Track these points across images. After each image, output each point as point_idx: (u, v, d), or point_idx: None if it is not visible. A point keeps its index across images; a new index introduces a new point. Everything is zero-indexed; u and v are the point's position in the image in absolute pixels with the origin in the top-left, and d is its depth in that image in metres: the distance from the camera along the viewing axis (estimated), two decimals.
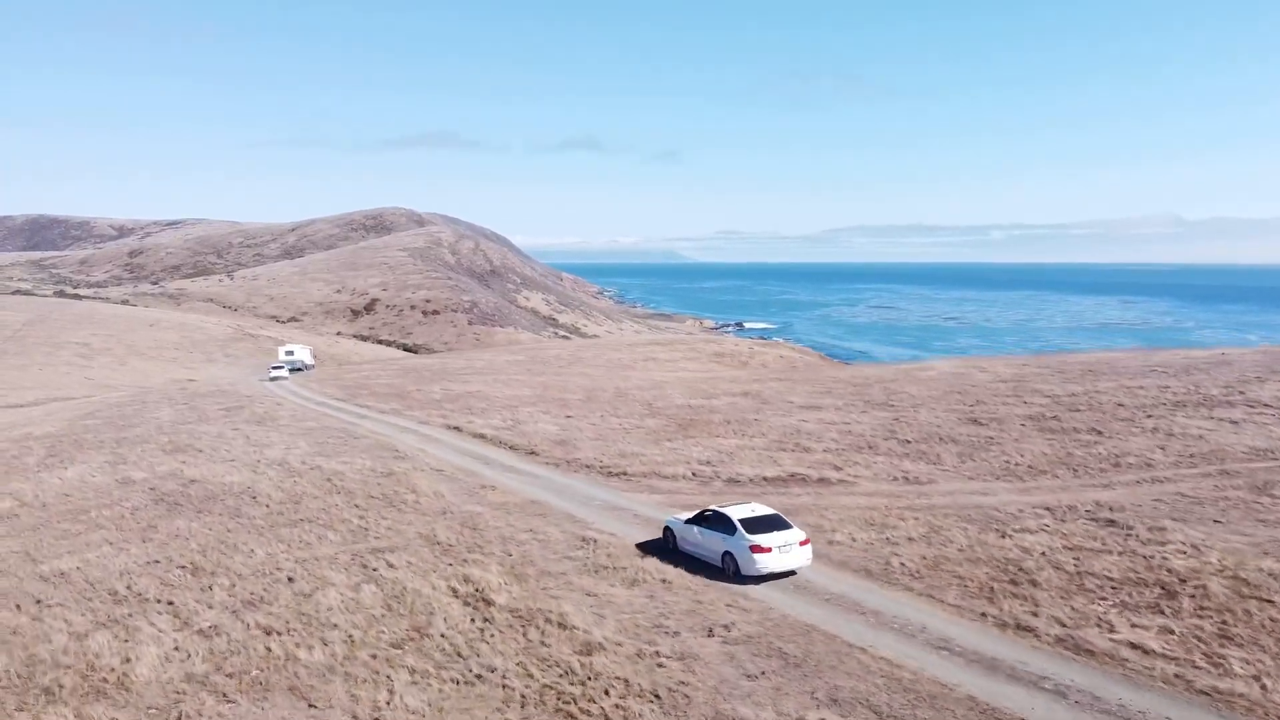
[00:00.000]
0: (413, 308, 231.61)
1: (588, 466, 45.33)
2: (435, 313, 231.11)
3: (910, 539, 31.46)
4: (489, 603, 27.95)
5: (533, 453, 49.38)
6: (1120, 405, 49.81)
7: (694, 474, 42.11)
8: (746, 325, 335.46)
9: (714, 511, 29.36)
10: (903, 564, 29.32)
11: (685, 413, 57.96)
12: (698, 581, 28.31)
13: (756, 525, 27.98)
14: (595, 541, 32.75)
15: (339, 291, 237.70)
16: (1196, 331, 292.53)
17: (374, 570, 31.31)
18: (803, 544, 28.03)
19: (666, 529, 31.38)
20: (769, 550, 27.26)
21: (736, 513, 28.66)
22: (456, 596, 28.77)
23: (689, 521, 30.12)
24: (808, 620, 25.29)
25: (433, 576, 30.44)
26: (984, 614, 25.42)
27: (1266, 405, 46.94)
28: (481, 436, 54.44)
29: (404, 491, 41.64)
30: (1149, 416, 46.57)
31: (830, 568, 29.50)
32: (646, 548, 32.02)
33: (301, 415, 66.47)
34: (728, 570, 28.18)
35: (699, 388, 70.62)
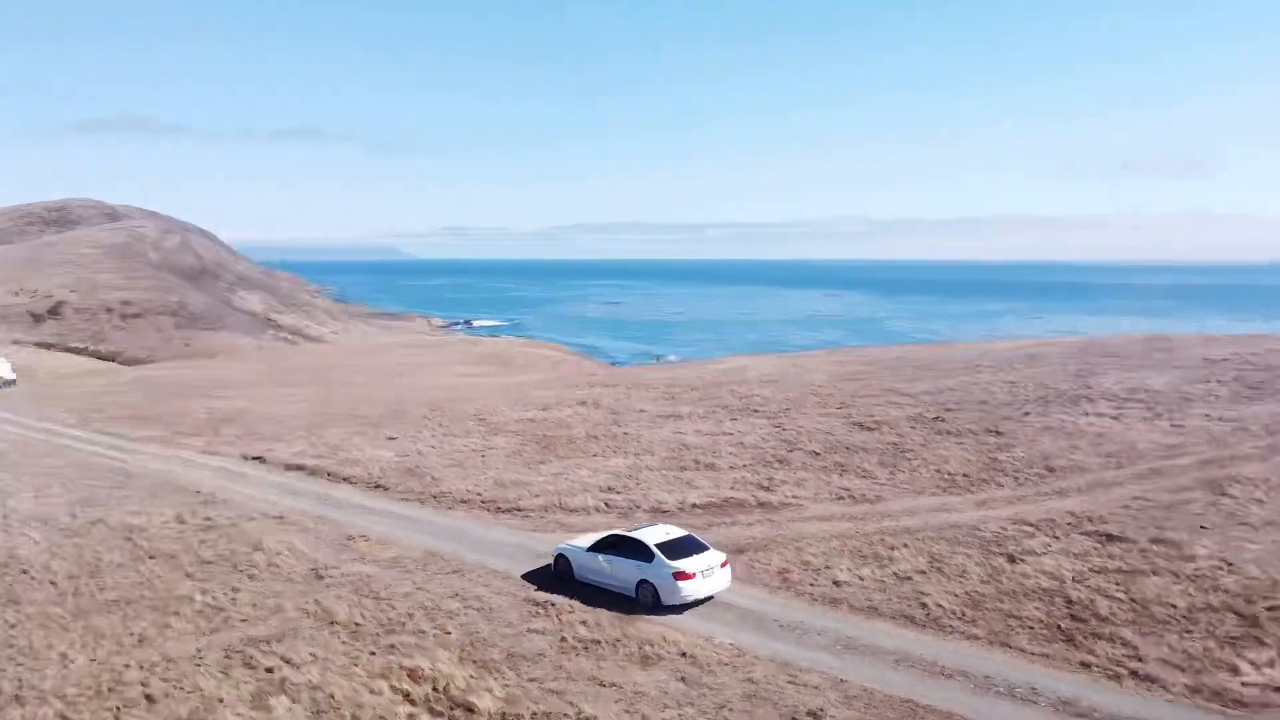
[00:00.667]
0: (109, 310, 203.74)
1: (464, 501, 38.01)
2: (136, 316, 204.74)
3: (921, 572, 27.57)
4: (470, 709, 20.92)
5: (380, 486, 41.21)
6: (984, 403, 49.12)
7: (606, 504, 36.10)
8: (475, 323, 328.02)
9: (621, 536, 26.80)
10: (939, 605, 25.36)
11: (532, 427, 51.46)
12: (731, 653, 22.80)
13: (675, 549, 25.58)
14: (552, 604, 26.19)
15: (17, 294, 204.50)
16: (891, 321, 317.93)
17: (270, 672, 23.09)
18: (723, 565, 26.00)
19: (560, 557, 28.11)
20: (693, 576, 24.94)
21: (650, 536, 26.18)
22: (416, 704, 21.43)
23: (592, 549, 27.19)
24: (900, 693, 20.60)
25: (361, 675, 22.76)
26: (1084, 663, 21.93)
27: (1121, 396, 47.75)
28: (300, 468, 45.15)
29: (245, 549, 32.56)
30: (1027, 414, 45.93)
31: (863, 617, 24.97)
32: (533, 578, 28.21)
33: (33, 449, 52.99)
34: (643, 602, 25.56)
35: (518, 395, 64.04)
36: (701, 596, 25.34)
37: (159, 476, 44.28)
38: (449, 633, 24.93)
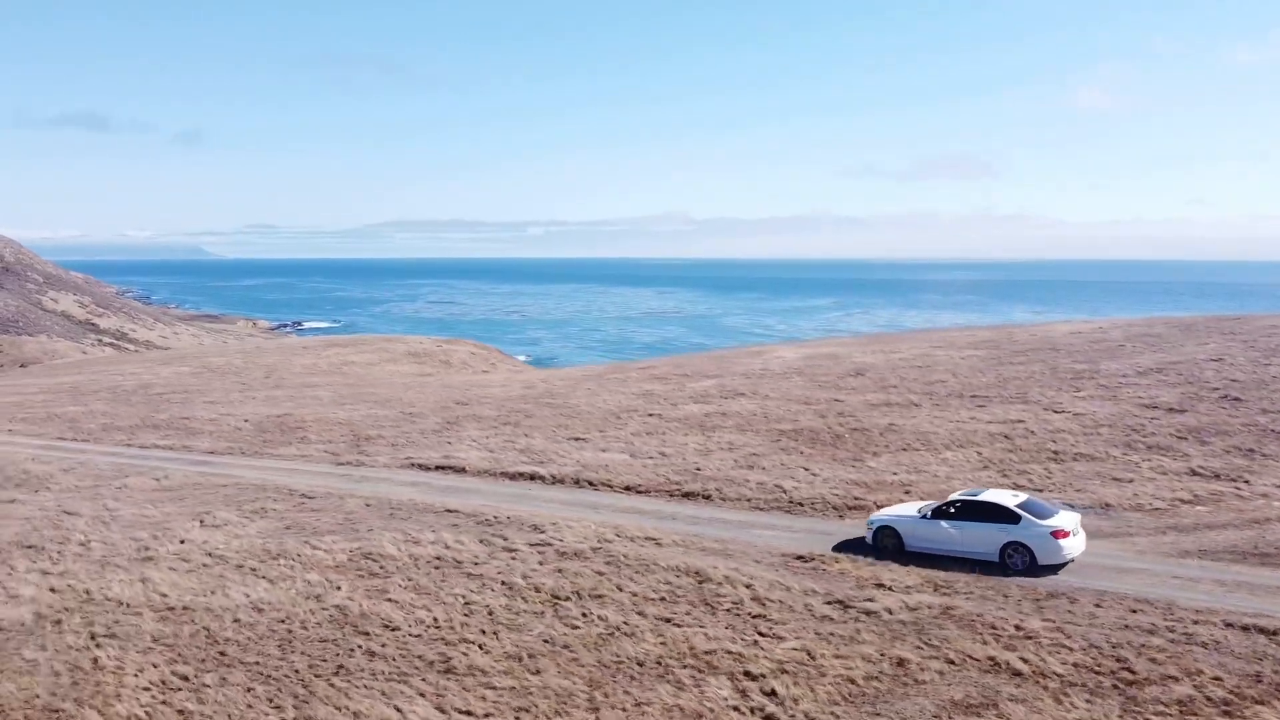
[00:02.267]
0: None
1: (704, 496, 32.18)
2: None
3: None
4: None
5: (605, 484, 34.51)
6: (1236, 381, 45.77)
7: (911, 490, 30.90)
8: (306, 324, 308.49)
9: (968, 501, 25.18)
10: None
11: (754, 421, 44.45)
12: None
13: (1034, 509, 24.53)
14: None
15: None
16: (726, 317, 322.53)
17: None
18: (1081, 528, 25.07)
19: (885, 529, 25.94)
20: (1069, 534, 23.99)
21: (1008, 498, 25.03)
22: None
23: (932, 516, 25.51)
24: None
25: None
26: None
27: (1143, 373, 45.75)
28: (561, 481, 36.67)
29: (684, 580, 25.18)
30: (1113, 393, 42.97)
31: None
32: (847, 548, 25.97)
33: (99, 473, 41.47)
34: (1012, 566, 24.03)
35: (604, 388, 57.02)
36: (1077, 555, 24.17)
37: (384, 497, 34.99)
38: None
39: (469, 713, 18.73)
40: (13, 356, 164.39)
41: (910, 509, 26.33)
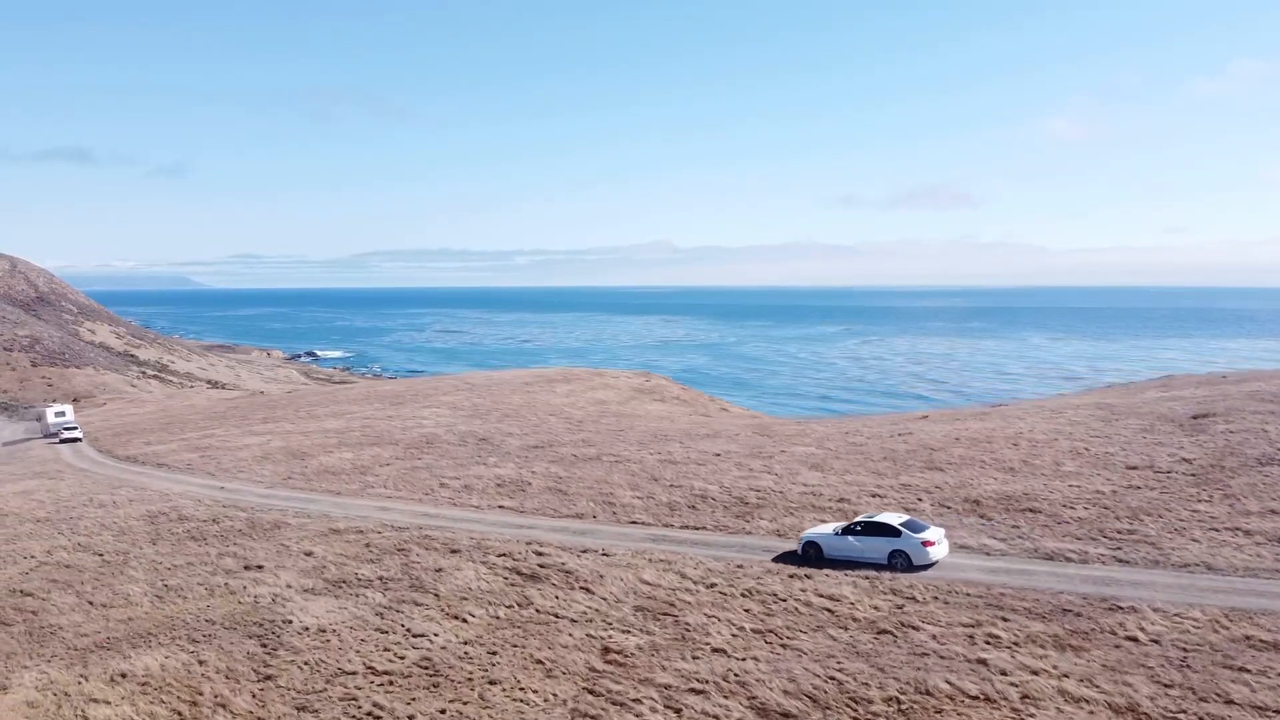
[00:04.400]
0: None
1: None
2: None
3: None
4: None
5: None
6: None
7: None
8: (320, 354, 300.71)
9: (865, 522, 30.40)
10: None
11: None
12: None
13: (911, 527, 29.69)
14: None
15: None
16: (741, 345, 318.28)
17: None
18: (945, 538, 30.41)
19: (810, 544, 31.01)
20: (934, 544, 29.05)
21: (894, 519, 30.25)
22: None
23: (843, 533, 30.57)
24: None
25: None
26: None
27: None
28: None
29: None
30: None
31: None
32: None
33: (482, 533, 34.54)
34: (896, 565, 28.99)
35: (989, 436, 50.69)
36: (940, 558, 29.16)
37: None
38: None
39: None
40: (64, 390, 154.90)
41: (828, 529, 31.41)
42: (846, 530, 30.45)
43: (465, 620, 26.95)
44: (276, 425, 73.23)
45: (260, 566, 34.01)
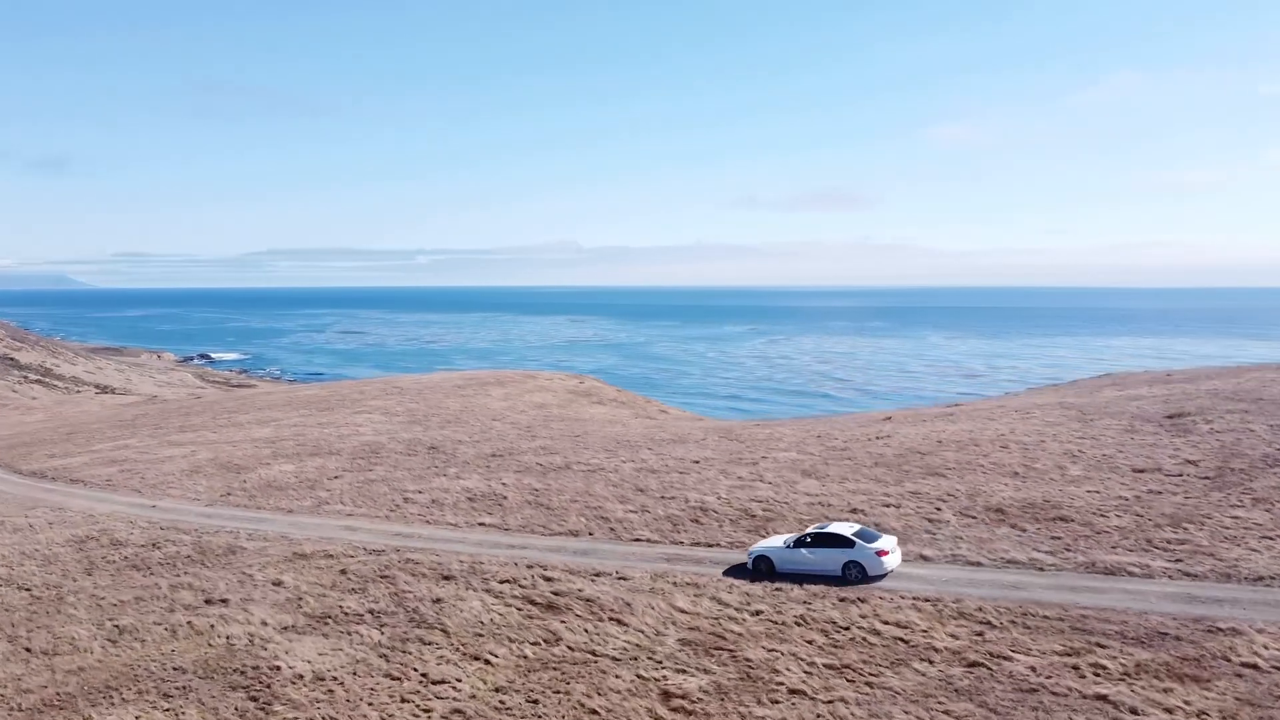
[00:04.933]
0: None
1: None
2: None
3: None
4: None
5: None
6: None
7: None
8: (215, 356, 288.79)
9: (817, 534, 29.78)
10: None
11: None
12: None
13: (864, 537, 29.24)
14: None
15: None
16: (655, 345, 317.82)
17: None
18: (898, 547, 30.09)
19: (761, 557, 30.14)
20: (888, 553, 28.76)
21: (843, 529, 29.64)
22: None
23: (795, 546, 29.85)
24: None
25: None
26: None
27: None
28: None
29: None
30: None
31: None
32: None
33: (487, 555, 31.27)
34: (849, 577, 28.48)
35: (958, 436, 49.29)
36: (894, 568, 28.86)
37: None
38: None
39: None
40: None
41: (778, 541, 30.67)
42: (798, 543, 29.79)
43: (489, 662, 23.77)
44: (197, 434, 67.71)
45: (224, 600, 30.02)
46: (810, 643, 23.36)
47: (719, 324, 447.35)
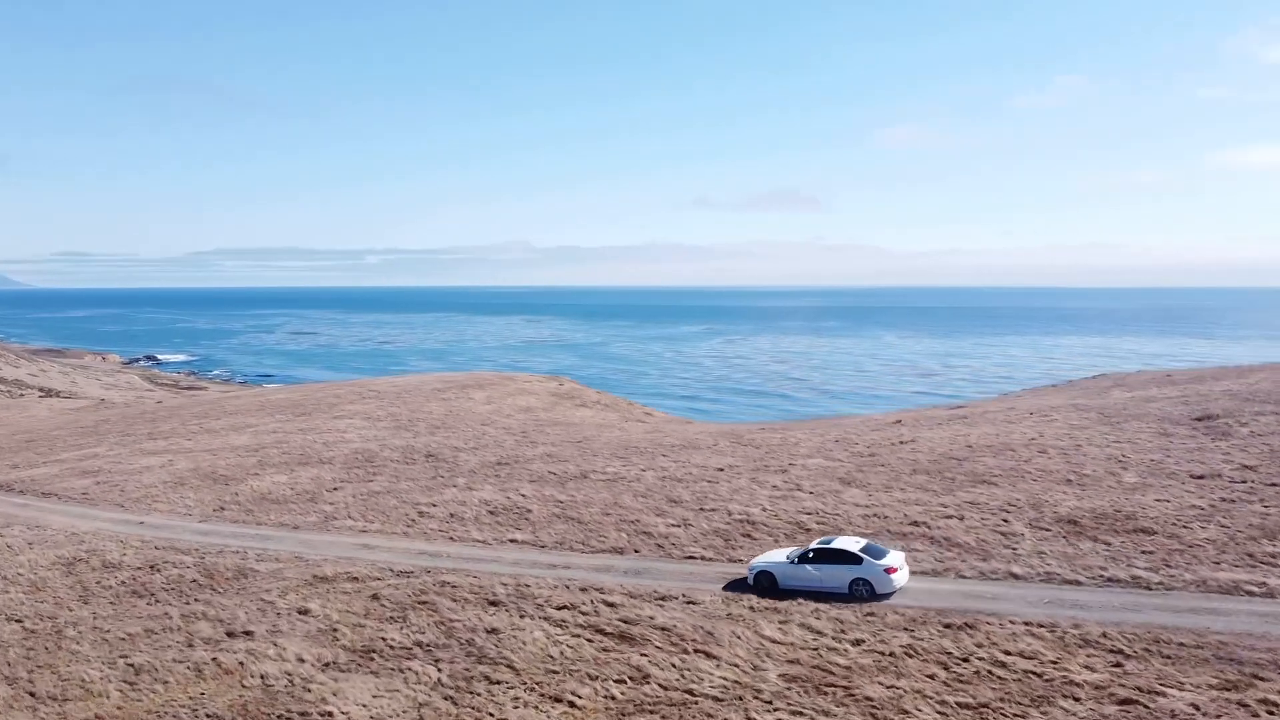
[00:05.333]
0: None
1: None
2: None
3: None
4: None
5: None
6: None
7: None
8: (162, 358, 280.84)
9: (821, 549, 28.75)
10: None
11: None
12: None
13: (872, 553, 28.15)
14: None
15: None
16: (611, 345, 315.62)
17: None
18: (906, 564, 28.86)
19: (763, 573, 28.95)
20: (897, 570, 27.65)
21: (853, 544, 28.63)
22: None
23: (799, 561, 28.77)
24: None
25: None
26: None
27: None
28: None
29: None
30: None
31: None
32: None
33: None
34: (858, 595, 27.52)
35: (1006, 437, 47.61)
36: (903, 584, 27.66)
37: None
38: None
39: None
40: None
41: (780, 556, 29.57)
42: (802, 558, 28.76)
43: (575, 704, 21.29)
44: (169, 442, 63.88)
45: (248, 632, 27.10)
46: (931, 677, 21.22)
47: (674, 324, 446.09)
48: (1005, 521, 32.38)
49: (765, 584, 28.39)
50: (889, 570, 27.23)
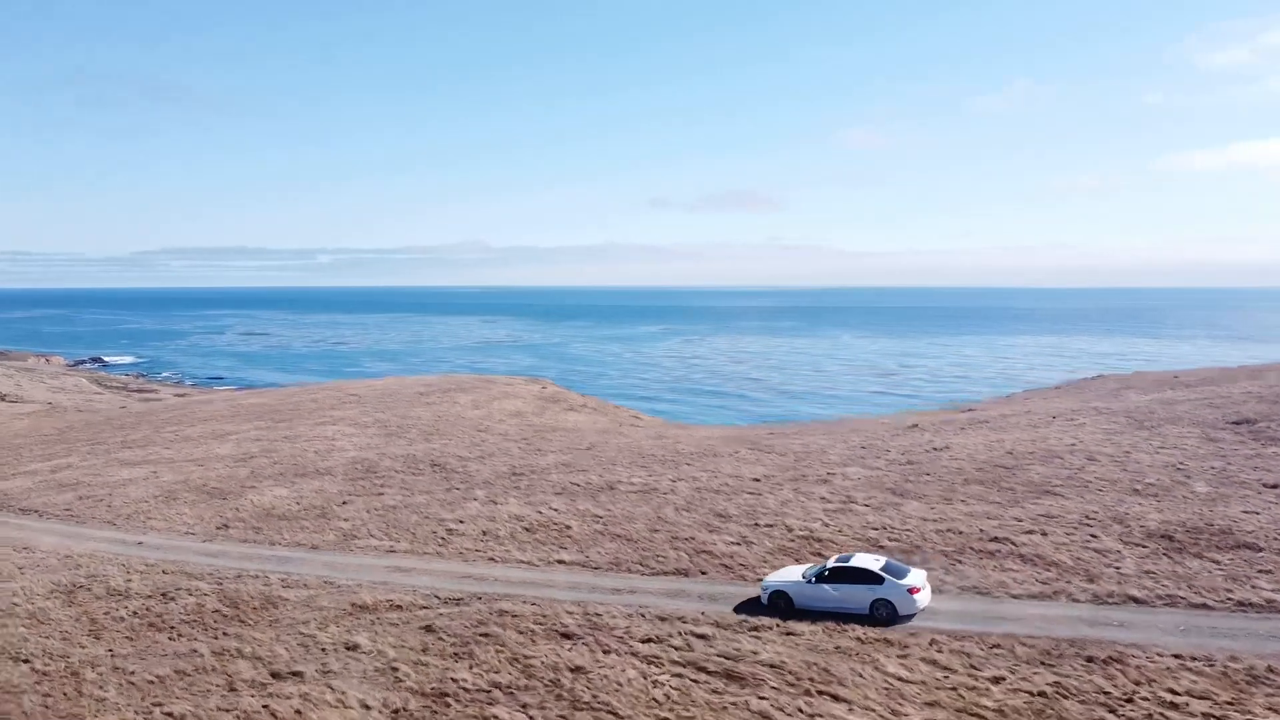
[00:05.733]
0: None
1: None
2: None
3: None
4: None
5: None
6: None
7: None
8: (108, 360, 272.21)
9: (839, 567, 27.44)
10: None
11: None
12: None
13: (893, 572, 26.89)
14: None
15: None
16: (570, 345, 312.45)
17: None
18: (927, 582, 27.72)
19: (778, 594, 27.49)
20: (920, 590, 26.48)
21: (873, 563, 27.28)
22: None
23: (815, 580, 27.41)
24: None
25: None
26: None
27: None
28: None
29: None
30: None
31: None
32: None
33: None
34: (878, 616, 26.18)
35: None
36: (925, 605, 26.48)
37: None
38: None
39: None
40: None
41: (794, 574, 28.15)
42: (820, 577, 27.44)
43: None
44: (147, 451, 60.01)
45: (297, 673, 24.24)
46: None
47: (632, 324, 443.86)
48: (1094, 537, 30.52)
49: (780, 604, 27.20)
50: (912, 590, 26.08)
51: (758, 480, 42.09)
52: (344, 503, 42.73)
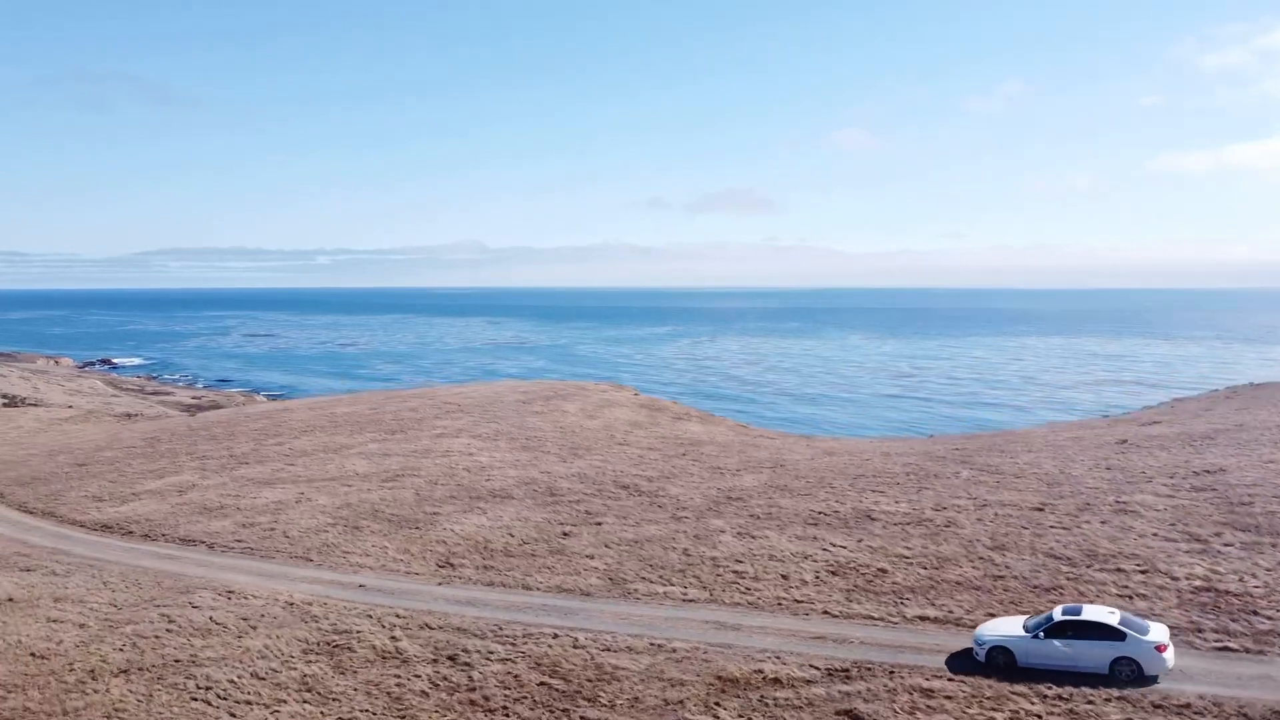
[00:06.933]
0: None
1: None
2: None
3: None
4: None
5: None
6: None
7: None
8: (118, 362, 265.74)
9: (1072, 621, 24.72)
10: None
11: None
12: None
13: (1133, 625, 24.53)
14: None
15: None
16: (578, 347, 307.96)
17: None
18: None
19: (998, 649, 24.81)
20: (1167, 648, 24.11)
21: (1108, 616, 24.73)
22: None
23: (1044, 635, 24.71)
24: None
25: None
26: None
27: None
28: None
29: None
30: None
31: None
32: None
33: None
34: (1119, 677, 23.78)
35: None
36: (1171, 667, 24.14)
37: None
38: None
39: None
40: None
41: (1013, 626, 25.82)
42: (1048, 631, 24.87)
43: None
44: (268, 467, 54.31)
45: None
46: None
47: (637, 325, 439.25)
48: None
49: (1001, 661, 24.70)
50: (1159, 648, 23.77)
51: (1039, 510, 37.11)
52: (565, 535, 37.46)
